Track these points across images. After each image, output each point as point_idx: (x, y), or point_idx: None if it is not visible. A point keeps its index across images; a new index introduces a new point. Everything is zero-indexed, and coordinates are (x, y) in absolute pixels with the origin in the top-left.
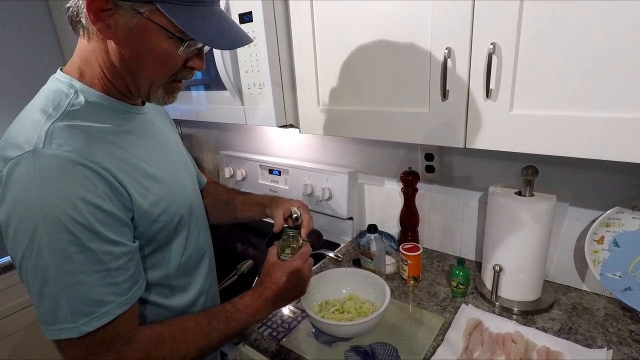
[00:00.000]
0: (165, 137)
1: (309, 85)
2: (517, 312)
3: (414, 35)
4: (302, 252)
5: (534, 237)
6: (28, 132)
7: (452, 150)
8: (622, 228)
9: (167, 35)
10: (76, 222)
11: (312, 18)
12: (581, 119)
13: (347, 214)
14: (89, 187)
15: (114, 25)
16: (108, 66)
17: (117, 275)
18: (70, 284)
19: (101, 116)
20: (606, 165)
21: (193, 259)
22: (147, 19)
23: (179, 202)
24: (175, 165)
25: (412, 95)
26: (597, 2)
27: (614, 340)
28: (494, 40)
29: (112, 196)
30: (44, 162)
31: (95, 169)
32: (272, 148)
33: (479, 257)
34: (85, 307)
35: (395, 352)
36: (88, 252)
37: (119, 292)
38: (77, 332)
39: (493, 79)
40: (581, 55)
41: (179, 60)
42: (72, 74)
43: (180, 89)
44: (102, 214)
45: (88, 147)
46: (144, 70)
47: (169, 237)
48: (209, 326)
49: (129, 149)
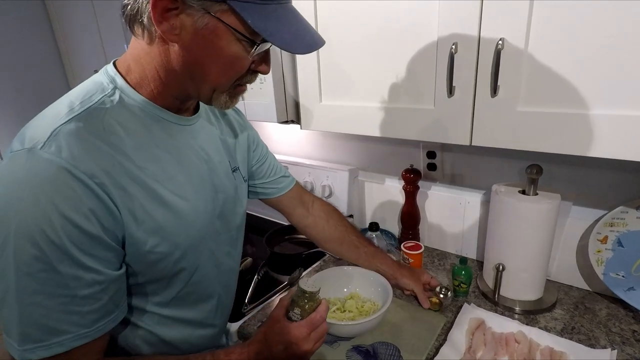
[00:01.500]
0: (205, 152)
1: (311, 81)
2: (519, 312)
3: (419, 30)
4: (312, 319)
5: (538, 236)
6: (42, 126)
7: (454, 147)
8: (626, 228)
9: (237, 38)
10: (47, 239)
11: (315, 12)
12: (588, 117)
13: (347, 212)
14: (73, 201)
15: (179, 26)
16: (167, 69)
17: (83, 305)
18: (26, 303)
19: (128, 121)
20: (611, 164)
21: (197, 294)
22: (217, 19)
23: (187, 233)
24: (202, 188)
25: (417, 91)
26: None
27: (617, 340)
28: (503, 35)
29: (100, 215)
30: (35, 165)
31: (87, 183)
32: (272, 144)
33: (480, 256)
34: (35, 332)
35: (397, 352)
36: (54, 273)
37: (80, 323)
38: (19, 355)
39: (501, 76)
40: (590, 52)
41: (247, 64)
42: (121, 69)
43: (244, 92)
44: (80, 234)
45: (90, 156)
46: (208, 74)
47: (168, 271)
48: None
49: (143, 165)
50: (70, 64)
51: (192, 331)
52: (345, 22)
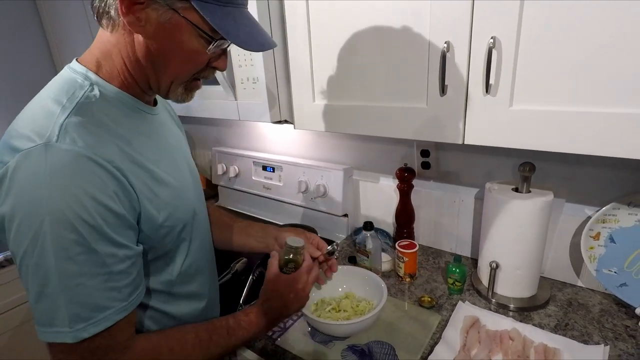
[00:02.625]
0: (173, 139)
1: (304, 80)
2: (513, 309)
3: (412, 28)
4: (308, 266)
5: (531, 234)
6: (40, 123)
7: (448, 146)
8: (618, 224)
9: (198, 34)
10: (84, 222)
11: (307, 12)
12: (581, 115)
13: (342, 211)
14: (100, 185)
15: (144, 19)
16: (132, 60)
17: (119, 280)
18: (71, 286)
19: (114, 113)
20: (603, 162)
21: (195, 265)
22: (180, 15)
23: (184, 208)
24: (181, 168)
25: (410, 90)
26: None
27: (610, 335)
28: (494, 34)
29: (122, 196)
30: (56, 157)
31: (108, 168)
32: (266, 144)
33: (474, 254)
34: (83, 311)
35: (392, 351)
36: (93, 254)
37: (119, 298)
38: (73, 337)
39: (493, 74)
40: (582, 50)
41: (205, 59)
42: (89, 65)
43: (199, 87)
44: (110, 214)
45: (101, 144)
46: (168, 66)
47: (173, 244)
48: (209, 341)
49: (140, 150)
50: (62, 62)
51: (194, 304)
52: (337, 21)
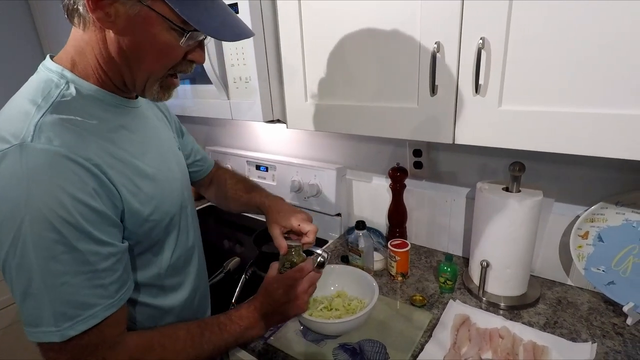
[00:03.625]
0: (158, 131)
1: (297, 80)
2: (503, 307)
3: (403, 29)
4: (300, 267)
5: (521, 233)
6: (16, 124)
7: (440, 146)
8: (606, 223)
9: (169, 26)
10: (64, 221)
11: (299, 11)
12: (569, 115)
13: (335, 211)
14: (78, 184)
15: (113, 14)
16: (104, 57)
17: (104, 277)
18: (54, 285)
19: (93, 109)
20: (591, 162)
21: (183, 257)
22: (149, 8)
23: (170, 201)
24: (167, 161)
25: (401, 90)
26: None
27: (598, 333)
28: (483, 34)
29: (101, 194)
30: (32, 157)
31: (86, 165)
32: (259, 144)
33: (466, 253)
34: (69, 309)
35: (383, 349)
36: (75, 252)
37: (105, 295)
38: (60, 336)
39: (482, 74)
40: (570, 51)
41: (180, 52)
42: (64, 64)
43: (176, 85)
44: (91, 212)
45: (79, 142)
46: (142, 62)
47: (160, 237)
48: (201, 337)
49: (122, 145)
50: None
51: (184, 296)
52: (329, 21)
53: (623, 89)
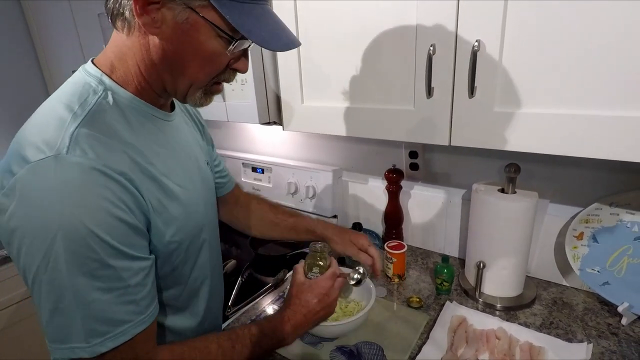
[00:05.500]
0: (188, 145)
1: (293, 82)
2: (500, 308)
3: (399, 31)
4: (333, 272)
5: (517, 234)
6: (51, 132)
7: (436, 147)
8: (601, 224)
9: (217, 34)
10: (97, 237)
11: (295, 13)
12: (564, 117)
13: (331, 212)
14: (112, 199)
15: (160, 19)
16: (147, 63)
17: (136, 293)
18: (86, 301)
19: (128, 121)
20: (586, 163)
21: (200, 279)
22: (197, 14)
23: (192, 223)
24: (193, 179)
25: (397, 92)
26: (579, 2)
27: (593, 333)
28: (479, 37)
29: (134, 208)
30: (67, 170)
31: (119, 180)
32: (255, 145)
33: (462, 254)
34: (100, 326)
35: (380, 351)
36: (108, 269)
37: (136, 311)
38: (90, 352)
39: (478, 77)
40: (563, 53)
41: (225, 60)
42: (104, 68)
43: (220, 91)
44: (124, 227)
45: (113, 156)
46: (186, 69)
47: (182, 258)
48: (232, 350)
49: (152, 161)
50: (47, 64)
51: (197, 318)
52: (325, 23)
53: (617, 90)
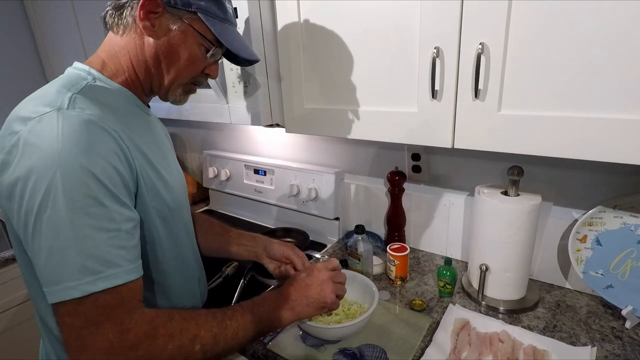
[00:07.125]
0: (163, 141)
1: (295, 84)
2: (503, 311)
3: (402, 34)
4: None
5: (520, 237)
6: (49, 98)
7: (439, 150)
8: (604, 227)
9: (200, 42)
10: (93, 176)
11: (298, 17)
12: (568, 120)
13: (333, 215)
14: (107, 146)
15: (157, 25)
16: (139, 59)
17: (127, 239)
18: (81, 236)
19: (117, 102)
20: (590, 166)
21: (181, 257)
22: (188, 24)
23: (172, 198)
24: (172, 167)
25: (401, 94)
26: (584, 3)
27: (597, 337)
28: (482, 40)
29: (125, 164)
30: (67, 120)
31: (112, 134)
32: (257, 147)
33: (465, 257)
34: (93, 263)
35: (383, 354)
36: (102, 207)
37: (127, 258)
38: (81, 290)
39: (481, 79)
40: (568, 56)
41: (202, 64)
42: (94, 65)
43: (194, 92)
44: (117, 174)
45: (106, 116)
46: (172, 67)
47: (158, 229)
48: (223, 315)
49: (145, 146)
50: (50, 63)
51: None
52: (328, 24)
53: (622, 93)
